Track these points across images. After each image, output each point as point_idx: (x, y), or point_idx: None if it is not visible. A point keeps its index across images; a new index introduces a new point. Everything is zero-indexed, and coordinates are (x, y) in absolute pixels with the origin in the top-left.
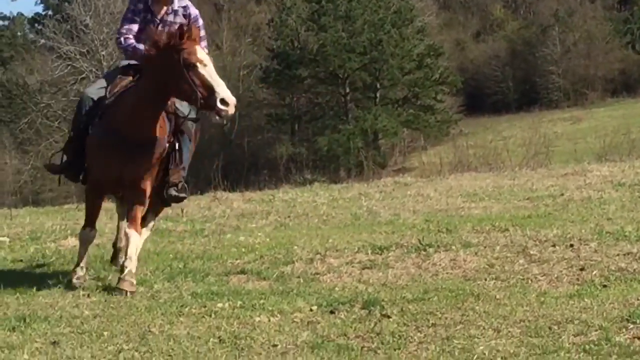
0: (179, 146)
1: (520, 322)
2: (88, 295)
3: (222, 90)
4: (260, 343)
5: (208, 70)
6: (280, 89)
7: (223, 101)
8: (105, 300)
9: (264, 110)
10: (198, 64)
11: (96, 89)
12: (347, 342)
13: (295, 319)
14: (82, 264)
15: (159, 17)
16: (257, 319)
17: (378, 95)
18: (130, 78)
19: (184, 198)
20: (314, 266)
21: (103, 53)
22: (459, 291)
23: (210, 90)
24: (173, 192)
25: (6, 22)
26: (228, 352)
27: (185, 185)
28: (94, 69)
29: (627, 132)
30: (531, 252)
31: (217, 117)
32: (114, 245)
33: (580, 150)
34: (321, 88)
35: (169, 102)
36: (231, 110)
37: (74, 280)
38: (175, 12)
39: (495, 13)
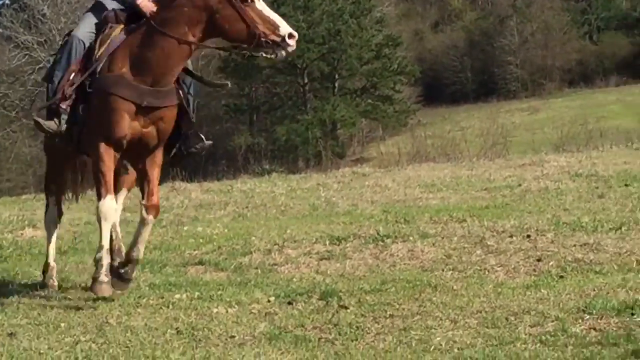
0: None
1: (477, 313)
2: (45, 286)
3: (285, 24)
4: (217, 334)
5: (263, 4)
6: (239, 79)
7: (290, 35)
8: (63, 292)
9: (223, 100)
10: None
11: (87, 33)
12: (304, 333)
13: (252, 310)
14: (106, 245)
15: None
16: (215, 310)
17: (336, 85)
18: (122, 25)
19: (207, 145)
20: (272, 257)
21: (61, 43)
22: (416, 282)
23: (273, 25)
24: (194, 142)
25: None
26: (185, 344)
27: (201, 134)
28: (51, 59)
29: (584, 123)
30: (488, 243)
31: (283, 53)
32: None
33: (538, 140)
34: (280, 78)
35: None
36: (296, 45)
37: (101, 274)
38: None
39: (453, 3)
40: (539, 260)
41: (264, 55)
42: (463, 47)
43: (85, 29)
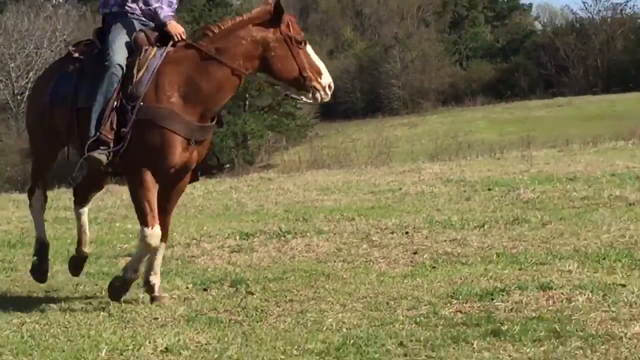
0: None
1: (363, 298)
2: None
3: (327, 73)
4: (143, 316)
5: (311, 50)
6: None
7: (329, 86)
8: (11, 280)
9: None
10: (307, 43)
11: (124, 58)
12: (217, 315)
13: (173, 296)
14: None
15: None
16: (141, 295)
17: (247, 103)
18: (155, 48)
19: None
20: (190, 250)
21: (12, 65)
22: (312, 272)
23: (318, 72)
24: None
25: None
26: (116, 324)
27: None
28: (3, 79)
29: (454, 136)
30: (373, 238)
31: (318, 100)
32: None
33: (416, 151)
34: None
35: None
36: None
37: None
38: None
39: (345, 34)
40: (415, 253)
41: (303, 98)
42: (354, 72)
43: (123, 53)
